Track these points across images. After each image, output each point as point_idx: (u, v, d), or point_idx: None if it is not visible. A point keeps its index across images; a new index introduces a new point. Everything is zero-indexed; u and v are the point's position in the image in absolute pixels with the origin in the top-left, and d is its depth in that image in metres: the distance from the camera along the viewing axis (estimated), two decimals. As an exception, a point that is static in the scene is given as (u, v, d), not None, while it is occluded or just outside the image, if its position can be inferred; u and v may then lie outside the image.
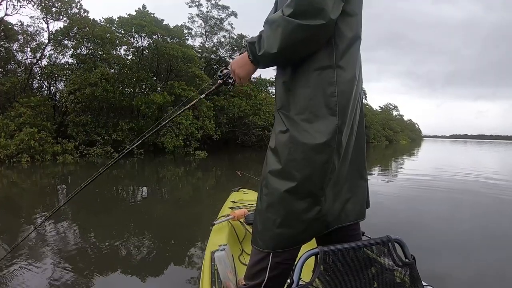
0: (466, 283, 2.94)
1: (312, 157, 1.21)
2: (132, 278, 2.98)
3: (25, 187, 7.98)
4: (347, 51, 1.22)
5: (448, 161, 19.30)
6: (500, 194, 7.40)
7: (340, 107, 1.20)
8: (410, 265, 1.21)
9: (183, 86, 17.75)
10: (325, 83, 1.20)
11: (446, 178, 10.14)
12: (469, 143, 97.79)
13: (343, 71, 1.21)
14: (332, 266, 1.12)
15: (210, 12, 25.76)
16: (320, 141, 1.20)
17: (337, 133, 1.21)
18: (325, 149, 1.21)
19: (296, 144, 1.23)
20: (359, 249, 1.19)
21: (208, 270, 1.84)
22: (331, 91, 1.19)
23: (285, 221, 1.26)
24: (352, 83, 1.24)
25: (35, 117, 12.96)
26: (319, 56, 1.20)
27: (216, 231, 2.47)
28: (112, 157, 14.21)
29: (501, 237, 4.26)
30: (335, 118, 1.20)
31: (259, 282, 1.29)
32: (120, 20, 18.03)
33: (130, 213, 5.47)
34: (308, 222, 1.26)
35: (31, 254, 3.42)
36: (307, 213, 1.25)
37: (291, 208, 1.25)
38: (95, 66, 15.44)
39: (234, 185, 3.92)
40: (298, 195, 1.24)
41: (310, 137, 1.21)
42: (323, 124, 1.20)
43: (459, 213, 5.69)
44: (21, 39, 16.40)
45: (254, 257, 1.33)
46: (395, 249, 1.21)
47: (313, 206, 1.25)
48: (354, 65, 1.26)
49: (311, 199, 1.24)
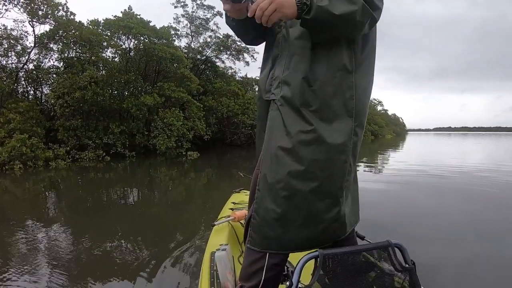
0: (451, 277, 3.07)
1: (333, 157, 1.24)
2: (131, 279, 2.99)
3: (22, 194, 7.94)
4: (366, 59, 1.31)
5: (432, 155, 19.75)
6: (482, 186, 7.71)
7: (356, 111, 1.26)
8: (410, 270, 1.21)
9: (172, 87, 17.75)
10: (345, 85, 1.24)
11: (431, 171, 10.41)
12: (453, 135, 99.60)
13: (360, 77, 1.27)
14: (331, 270, 1.12)
15: (195, 12, 25.69)
16: (339, 142, 1.24)
17: (353, 135, 1.26)
18: (344, 149, 1.25)
19: (320, 144, 1.23)
20: (359, 253, 1.19)
21: (207, 270, 1.84)
22: (350, 94, 1.25)
23: (306, 221, 1.26)
24: (367, 90, 1.33)
25: (25, 123, 12.78)
26: (344, 58, 1.24)
27: (216, 232, 2.46)
28: (105, 160, 14.24)
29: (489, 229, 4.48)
30: (351, 120, 1.25)
31: (255, 284, 1.28)
32: (107, 22, 17.85)
33: (126, 215, 5.50)
34: (328, 222, 1.27)
35: (23, 259, 3.40)
36: (328, 213, 1.26)
37: (313, 209, 1.25)
38: (83, 69, 15.30)
39: (229, 185, 3.87)
40: (320, 195, 1.25)
41: (332, 136, 1.23)
42: (342, 124, 1.24)
43: (444, 205, 5.97)
44: (5, 44, 16.13)
45: (249, 258, 1.31)
46: (395, 254, 1.22)
47: (333, 207, 1.27)
48: (370, 72, 1.34)
49: (331, 200, 1.26)
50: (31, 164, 11.72)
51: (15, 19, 16.11)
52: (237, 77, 28.08)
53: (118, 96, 17.10)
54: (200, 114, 18.78)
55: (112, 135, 15.40)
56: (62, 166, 12.42)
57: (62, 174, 10.96)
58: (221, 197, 3.56)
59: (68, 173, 11.23)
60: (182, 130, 16.75)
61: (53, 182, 9.68)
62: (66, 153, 13.40)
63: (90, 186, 9.01)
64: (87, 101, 14.59)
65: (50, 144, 13.37)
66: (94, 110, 15.79)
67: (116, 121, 16.14)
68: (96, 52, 16.05)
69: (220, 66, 26.94)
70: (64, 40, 15.58)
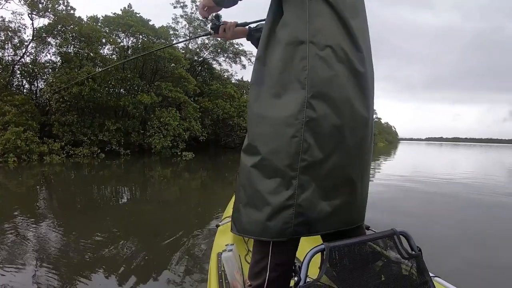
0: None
1: (279, 130, 1.19)
2: (134, 282, 2.89)
3: (15, 188, 7.88)
4: (325, 28, 1.20)
5: (423, 163, 19.95)
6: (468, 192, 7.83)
7: (310, 82, 1.17)
8: (417, 257, 1.21)
9: (169, 87, 17.77)
10: (297, 58, 1.19)
11: (421, 179, 10.52)
12: (444, 145, 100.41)
13: (317, 47, 1.18)
14: (338, 262, 1.11)
15: (194, 13, 25.75)
16: (286, 114, 1.18)
17: (306, 107, 1.16)
18: (292, 122, 1.17)
19: (263, 118, 1.23)
20: (365, 243, 1.18)
21: (215, 271, 1.81)
22: (302, 65, 1.18)
23: (251, 199, 1.23)
24: (327, 60, 1.19)
25: (20, 116, 12.71)
26: (294, 29, 1.21)
27: (221, 232, 2.43)
28: (99, 157, 14.19)
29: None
30: (304, 91, 1.17)
31: (261, 283, 1.27)
32: (106, 19, 17.87)
33: (120, 214, 5.42)
34: (277, 208, 1.18)
35: (12, 256, 3.31)
36: (275, 196, 1.18)
37: (256, 186, 1.21)
38: (81, 65, 15.24)
39: (228, 186, 3.74)
40: (264, 172, 1.21)
41: (277, 110, 1.20)
42: (292, 97, 1.18)
43: (434, 211, 6.04)
44: (2, 35, 16.02)
45: (255, 256, 1.31)
46: (400, 242, 1.21)
47: (282, 189, 1.18)
48: (331, 42, 1.20)
49: (279, 179, 1.18)
50: (25, 158, 11.66)
51: (13, 11, 15.90)
52: (233, 80, 28.20)
53: (115, 93, 17.07)
54: (197, 115, 18.83)
55: (107, 132, 15.36)
56: (57, 161, 12.36)
57: (56, 169, 10.89)
58: (217, 196, 3.42)
59: (62, 168, 11.16)
60: (178, 130, 16.77)
61: (47, 177, 9.61)
62: (60, 148, 13.34)
63: (84, 182, 8.98)
64: (83, 97, 14.54)
65: (45, 139, 13.30)
66: (90, 107, 15.74)
67: (111, 119, 16.10)
68: (95, 49, 16.00)
69: (217, 68, 27.03)
70: (63, 35, 15.54)
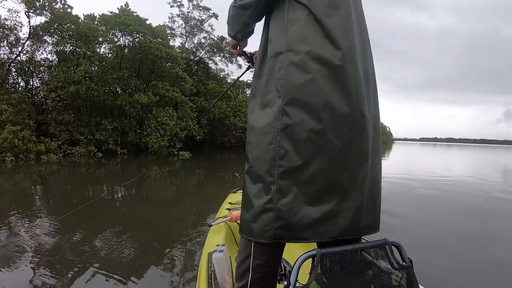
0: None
1: (259, 139, 1.25)
2: (127, 280, 2.91)
3: (12, 187, 7.90)
4: (298, 34, 1.22)
5: (418, 163, 20.13)
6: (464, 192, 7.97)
7: (285, 89, 1.19)
8: (407, 268, 1.21)
9: (166, 86, 17.79)
10: (276, 68, 1.23)
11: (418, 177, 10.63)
12: (439, 146, 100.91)
13: (293, 54, 1.21)
14: (329, 269, 1.11)
15: (191, 13, 25.76)
16: (265, 123, 1.23)
17: (282, 115, 1.19)
18: (269, 130, 1.21)
19: (252, 129, 1.29)
20: (357, 251, 1.18)
21: (205, 271, 1.83)
22: (280, 75, 1.21)
23: (243, 202, 1.32)
24: (301, 66, 1.19)
25: (17, 115, 12.69)
26: (274, 43, 1.26)
27: (213, 232, 2.46)
28: (96, 156, 14.21)
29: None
30: (280, 99, 1.20)
31: (244, 284, 1.28)
32: (103, 18, 17.81)
33: (120, 215, 5.46)
34: (258, 209, 1.22)
35: (8, 255, 3.33)
36: (257, 199, 1.23)
37: (246, 190, 1.29)
38: (78, 64, 15.23)
39: (224, 185, 3.74)
40: (251, 177, 1.27)
41: (261, 120, 1.25)
42: (272, 107, 1.22)
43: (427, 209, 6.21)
44: (-2, 33, 15.91)
45: (239, 256, 1.34)
46: (392, 252, 1.21)
47: (263, 193, 1.22)
48: (306, 47, 1.20)
49: (261, 184, 1.23)
50: (23, 157, 11.66)
51: (9, 8, 15.82)
52: (229, 80, 28.23)
53: (112, 92, 17.08)
54: (193, 115, 18.89)
55: (104, 132, 15.38)
56: (54, 160, 12.35)
57: (53, 168, 10.91)
58: (213, 196, 3.40)
59: (59, 167, 11.18)
60: (175, 129, 16.81)
61: (44, 176, 9.62)
62: (57, 147, 13.34)
63: (80, 181, 9.02)
64: (81, 96, 14.53)
65: (42, 138, 13.28)
66: (87, 106, 15.73)
67: (108, 118, 16.10)
68: (92, 47, 15.98)
69: (212, 68, 27.06)
70: (59, 33, 15.49)
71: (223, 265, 1.72)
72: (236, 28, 1.45)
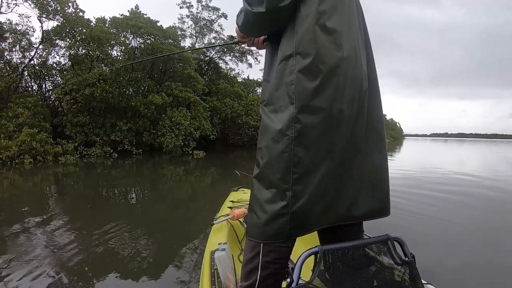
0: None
1: (271, 145, 1.23)
2: (130, 278, 2.96)
3: (30, 188, 7.94)
4: (307, 36, 1.20)
5: (429, 159, 19.91)
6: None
7: (297, 95, 1.18)
8: (410, 263, 1.21)
9: (179, 87, 17.84)
10: (286, 72, 1.21)
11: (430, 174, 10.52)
12: (450, 141, 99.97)
13: (302, 57, 1.19)
14: (331, 265, 1.11)
15: (200, 13, 25.85)
16: (277, 129, 1.21)
17: (295, 123, 1.18)
18: (281, 138, 1.20)
19: (263, 133, 1.28)
20: (359, 248, 1.18)
21: (208, 270, 1.81)
22: (290, 80, 1.20)
23: (252, 206, 1.30)
24: (311, 70, 1.19)
25: (33, 118, 12.77)
26: (283, 46, 1.24)
27: (215, 230, 2.46)
28: (112, 157, 14.27)
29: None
30: (293, 106, 1.19)
31: (252, 282, 1.26)
32: (114, 20, 17.90)
33: (128, 213, 5.43)
34: (272, 214, 1.22)
35: (24, 253, 3.38)
36: (271, 204, 1.22)
37: (257, 195, 1.27)
38: (92, 67, 15.32)
39: (237, 184, 3.72)
40: (262, 183, 1.26)
41: (272, 125, 1.23)
42: (284, 113, 1.21)
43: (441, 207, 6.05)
44: (10, 38, 16.04)
45: (246, 256, 1.32)
46: (394, 247, 1.22)
47: (277, 199, 1.22)
48: (318, 50, 1.19)
49: (275, 190, 1.22)
50: (41, 158, 11.71)
51: (20, 14, 15.89)
52: (239, 79, 28.26)
53: (126, 94, 17.17)
54: (206, 114, 18.89)
55: (119, 132, 15.45)
56: (71, 161, 12.41)
57: (70, 169, 10.93)
58: (226, 195, 3.47)
59: (76, 168, 11.20)
60: (189, 129, 16.85)
61: (61, 177, 9.65)
62: (74, 149, 13.42)
63: (96, 181, 9.04)
64: (95, 98, 14.62)
65: (58, 140, 13.36)
66: (101, 107, 15.82)
67: (123, 119, 16.18)
68: (105, 50, 16.07)
69: (223, 67, 27.09)
70: (72, 37, 15.59)
71: (225, 264, 1.76)
72: (249, 34, 1.49)
